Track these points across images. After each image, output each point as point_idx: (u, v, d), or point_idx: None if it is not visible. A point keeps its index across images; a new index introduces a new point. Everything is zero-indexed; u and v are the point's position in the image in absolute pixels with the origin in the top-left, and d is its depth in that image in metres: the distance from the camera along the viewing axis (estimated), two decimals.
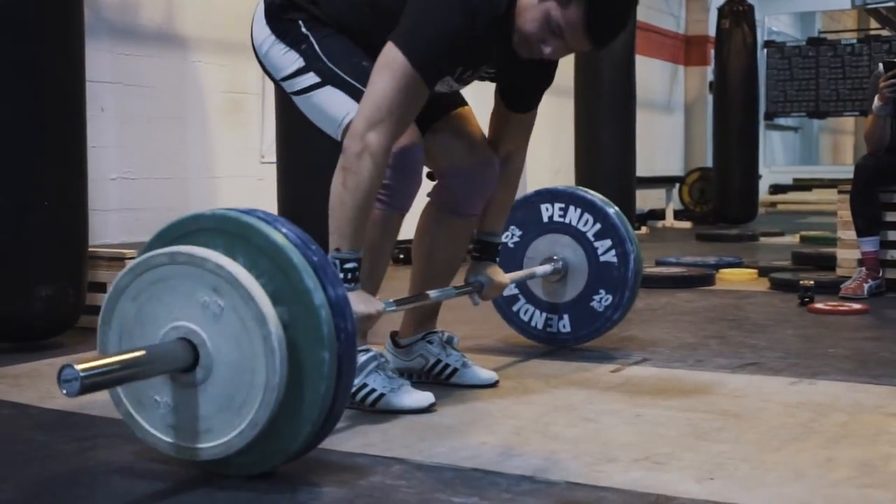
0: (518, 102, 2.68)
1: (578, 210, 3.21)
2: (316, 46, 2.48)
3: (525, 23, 2.33)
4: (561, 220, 3.23)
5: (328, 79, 2.45)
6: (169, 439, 1.88)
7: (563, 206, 3.23)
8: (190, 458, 1.87)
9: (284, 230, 1.85)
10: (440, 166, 2.73)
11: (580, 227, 3.20)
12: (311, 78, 2.47)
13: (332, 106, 2.45)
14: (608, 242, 3.17)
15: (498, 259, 2.86)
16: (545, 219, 3.24)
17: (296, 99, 2.54)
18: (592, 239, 3.19)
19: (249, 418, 1.79)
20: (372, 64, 2.36)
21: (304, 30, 2.49)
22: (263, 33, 2.56)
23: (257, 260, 1.83)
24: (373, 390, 2.42)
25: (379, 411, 2.41)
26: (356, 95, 2.38)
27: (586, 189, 3.30)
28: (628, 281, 3.16)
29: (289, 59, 2.51)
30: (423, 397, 2.46)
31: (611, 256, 3.17)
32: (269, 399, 1.78)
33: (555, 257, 3.21)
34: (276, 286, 1.81)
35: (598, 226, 3.18)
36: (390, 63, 2.29)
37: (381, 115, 2.26)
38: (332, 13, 2.49)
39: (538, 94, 2.68)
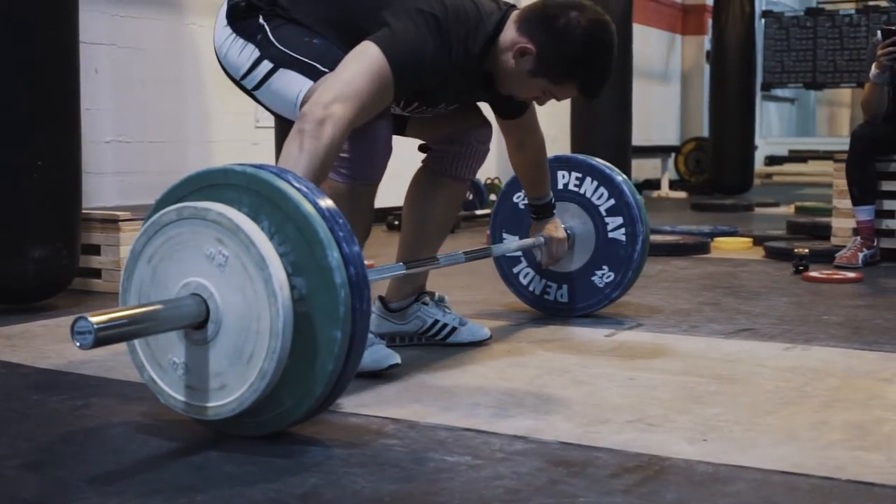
0: (506, 113, 2.73)
1: (595, 182, 3.17)
2: (270, 34, 2.40)
3: (516, 90, 2.49)
4: (575, 189, 3.18)
5: (281, 62, 2.37)
6: (189, 401, 1.86)
7: (580, 175, 3.18)
8: (214, 416, 1.84)
9: (315, 200, 1.81)
10: (435, 137, 2.75)
11: (594, 199, 3.16)
12: (265, 66, 2.38)
13: (287, 88, 2.36)
14: (619, 220, 3.14)
15: (555, 210, 3.03)
16: (559, 185, 3.19)
17: (257, 94, 2.44)
18: (604, 213, 3.15)
19: (258, 369, 1.77)
20: (325, 42, 2.36)
21: (261, 21, 2.42)
22: (224, 34, 2.47)
23: (283, 226, 1.79)
24: None
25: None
26: (309, 72, 2.33)
27: (607, 163, 3.22)
28: (633, 261, 3.14)
29: (245, 54, 2.42)
30: (385, 358, 2.40)
31: (620, 234, 3.14)
32: (275, 346, 1.75)
33: (563, 226, 3.17)
34: (299, 256, 1.78)
35: (611, 201, 3.15)
36: (368, 55, 2.26)
37: (349, 92, 2.19)
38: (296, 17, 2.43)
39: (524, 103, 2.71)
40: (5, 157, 3.23)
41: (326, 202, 1.83)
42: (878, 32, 4.50)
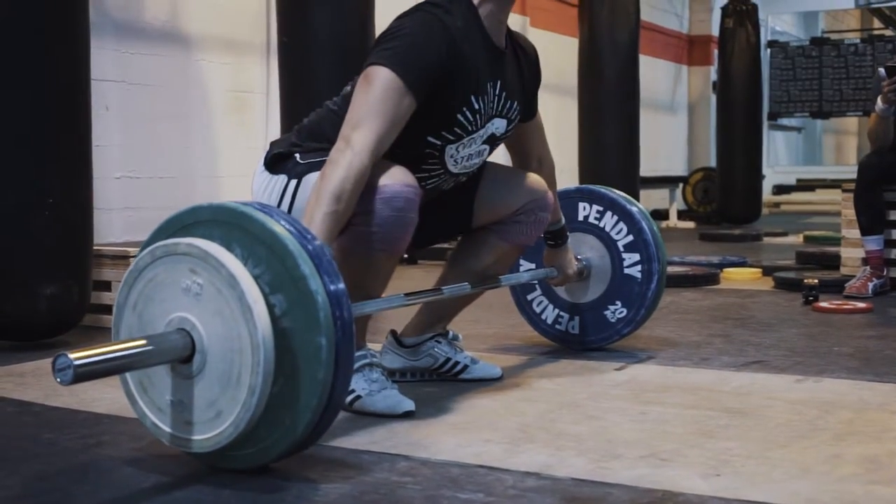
0: (525, 111, 2.73)
1: (615, 217, 3.16)
2: (298, 158, 2.44)
3: None
4: (595, 222, 3.18)
5: (303, 172, 2.41)
6: (193, 437, 1.87)
7: (600, 209, 3.18)
8: (214, 447, 1.85)
9: (281, 220, 1.86)
10: (502, 216, 2.74)
11: (612, 233, 3.16)
12: (291, 186, 2.42)
13: (308, 192, 2.33)
14: (636, 256, 3.13)
15: (568, 237, 3.03)
16: (580, 217, 3.19)
17: None
18: (622, 249, 3.15)
19: (247, 386, 1.78)
20: None
21: (295, 154, 2.46)
22: (260, 180, 2.50)
23: (254, 249, 1.84)
24: (352, 391, 2.38)
25: (355, 412, 2.38)
26: (322, 164, 2.32)
27: (629, 198, 3.22)
28: (647, 300, 3.13)
29: (276, 189, 2.44)
30: (399, 404, 2.37)
31: (635, 271, 3.14)
32: (258, 359, 1.77)
33: (579, 257, 3.16)
34: (273, 275, 1.82)
35: (630, 237, 3.14)
36: (366, 76, 2.33)
37: (361, 116, 2.27)
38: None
39: (535, 97, 2.78)
40: (18, 195, 3.25)
41: (294, 220, 1.88)
42: (881, 70, 4.50)
